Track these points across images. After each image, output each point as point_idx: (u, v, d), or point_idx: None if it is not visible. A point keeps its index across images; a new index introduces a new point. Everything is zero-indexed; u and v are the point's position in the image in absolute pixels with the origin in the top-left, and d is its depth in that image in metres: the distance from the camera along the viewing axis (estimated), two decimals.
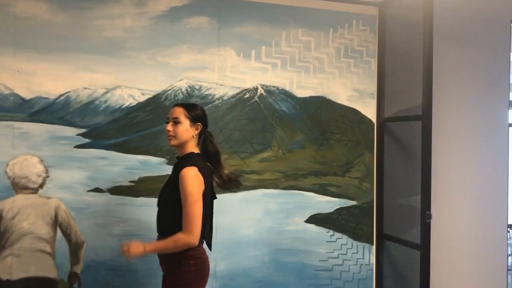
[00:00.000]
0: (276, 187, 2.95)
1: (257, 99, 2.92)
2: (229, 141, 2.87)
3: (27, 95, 2.57)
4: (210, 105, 2.84)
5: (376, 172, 3.12)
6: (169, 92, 2.78)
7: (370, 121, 3.12)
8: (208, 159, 2.24)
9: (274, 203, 2.94)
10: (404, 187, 3.08)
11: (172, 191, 2.14)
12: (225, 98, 2.87)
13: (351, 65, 3.09)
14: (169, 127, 2.16)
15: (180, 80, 2.79)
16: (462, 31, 3.30)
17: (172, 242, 2.07)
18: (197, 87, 2.82)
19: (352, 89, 3.09)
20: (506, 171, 3.40)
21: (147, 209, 2.60)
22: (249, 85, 2.91)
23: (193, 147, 2.20)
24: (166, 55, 2.75)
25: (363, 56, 3.11)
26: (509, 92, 3.43)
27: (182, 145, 2.18)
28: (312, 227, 2.99)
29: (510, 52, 3.42)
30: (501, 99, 3.38)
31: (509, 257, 4.73)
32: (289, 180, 2.96)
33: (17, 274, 2.52)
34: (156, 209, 2.24)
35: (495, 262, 3.35)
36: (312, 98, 3.02)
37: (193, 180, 2.06)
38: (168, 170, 2.54)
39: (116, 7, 2.68)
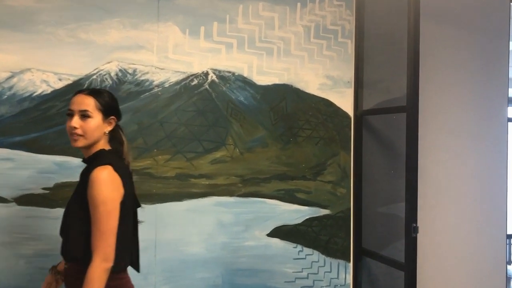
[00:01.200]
0: (231, 194, 2.61)
1: (207, 86, 2.55)
2: (172, 138, 2.47)
3: None
4: (147, 93, 2.44)
5: (353, 175, 2.85)
6: (94, 77, 2.36)
7: (346, 114, 2.85)
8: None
9: (229, 213, 2.60)
10: (386, 193, 2.84)
11: (81, 204, 1.71)
12: (166, 85, 2.48)
13: (323, 47, 2.79)
14: (75, 122, 1.73)
15: (109, 63, 2.38)
16: (453, 8, 3.04)
17: (92, 282, 1.62)
18: (130, 71, 2.42)
19: (325, 76, 2.80)
20: (505, 173, 3.15)
21: None
22: (197, 69, 2.53)
23: (103, 145, 1.81)
24: (90, 31, 2.34)
25: (337, 36, 2.82)
26: (508, 81, 3.16)
27: (90, 146, 1.78)
28: (276, 241, 2.68)
29: (509, 35, 3.16)
30: (499, 89, 3.12)
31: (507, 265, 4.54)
32: (248, 186, 2.62)
33: None
34: None
35: (492, 280, 3.10)
36: (276, 86, 2.70)
37: (106, 183, 1.67)
38: None
39: None
